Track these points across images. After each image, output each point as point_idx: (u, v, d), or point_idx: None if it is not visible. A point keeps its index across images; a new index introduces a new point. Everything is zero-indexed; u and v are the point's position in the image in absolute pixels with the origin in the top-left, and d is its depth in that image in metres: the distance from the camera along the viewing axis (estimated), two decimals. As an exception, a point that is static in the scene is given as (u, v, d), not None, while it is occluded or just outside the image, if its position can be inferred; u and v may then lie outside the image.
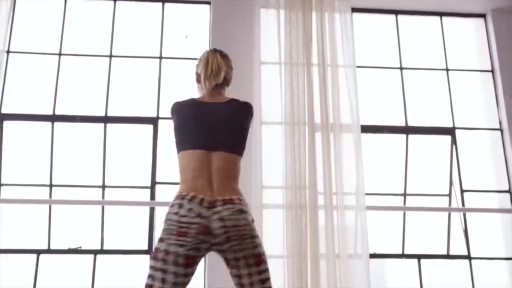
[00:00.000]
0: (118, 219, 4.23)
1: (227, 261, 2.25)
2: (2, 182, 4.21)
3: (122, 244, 4.16)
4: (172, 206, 2.25)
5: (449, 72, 4.80)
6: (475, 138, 4.67)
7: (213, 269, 3.91)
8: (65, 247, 4.12)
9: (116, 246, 4.15)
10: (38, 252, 4.05)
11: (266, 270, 2.23)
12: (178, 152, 2.40)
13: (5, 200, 4.13)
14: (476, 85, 4.83)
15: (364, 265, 3.98)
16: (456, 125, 4.64)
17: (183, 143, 2.38)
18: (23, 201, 4.16)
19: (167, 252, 2.14)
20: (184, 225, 2.15)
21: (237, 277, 2.22)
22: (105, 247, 4.14)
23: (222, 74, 2.55)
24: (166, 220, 2.23)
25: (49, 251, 4.09)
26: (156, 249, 2.19)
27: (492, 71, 4.79)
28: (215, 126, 2.39)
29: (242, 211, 2.22)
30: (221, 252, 2.23)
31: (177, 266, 2.13)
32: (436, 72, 4.81)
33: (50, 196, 4.22)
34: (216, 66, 2.53)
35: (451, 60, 4.83)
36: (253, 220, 2.30)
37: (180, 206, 2.19)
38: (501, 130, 4.63)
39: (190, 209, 2.17)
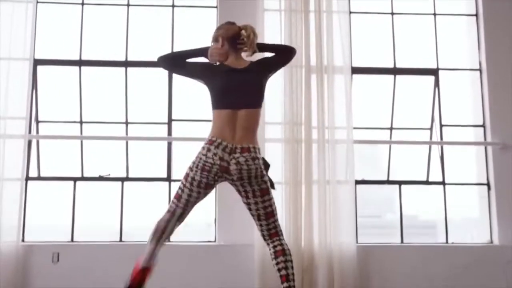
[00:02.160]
0: (140, 151, 4.92)
1: (239, 192, 2.95)
2: (40, 119, 4.88)
3: (145, 173, 4.86)
4: (203, 148, 2.88)
5: (437, 16, 5.22)
6: (456, 78, 5.17)
7: (223, 221, 4.63)
8: (97, 175, 4.85)
9: (139, 175, 4.86)
10: (75, 179, 4.79)
11: (270, 199, 2.94)
12: (212, 109, 2.99)
13: (44, 136, 4.84)
14: (461, 29, 5.25)
15: (350, 190, 4.65)
16: (439, 66, 5.13)
17: (215, 104, 2.98)
18: (59, 137, 4.86)
19: (193, 179, 2.87)
20: (208, 164, 2.83)
21: (246, 204, 2.96)
22: (130, 175, 4.85)
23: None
24: (197, 157, 2.88)
25: (83, 178, 4.82)
26: (187, 174, 2.90)
27: (477, 15, 5.19)
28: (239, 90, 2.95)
29: (255, 158, 2.87)
30: (233, 184, 2.93)
31: (199, 188, 2.88)
32: (425, 16, 5.23)
33: (81, 131, 4.89)
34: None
35: (439, 4, 5.23)
36: (263, 162, 2.94)
37: (208, 150, 2.85)
38: (480, 70, 5.11)
39: (215, 154, 2.83)
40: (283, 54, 3.16)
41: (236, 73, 3.00)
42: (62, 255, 4.42)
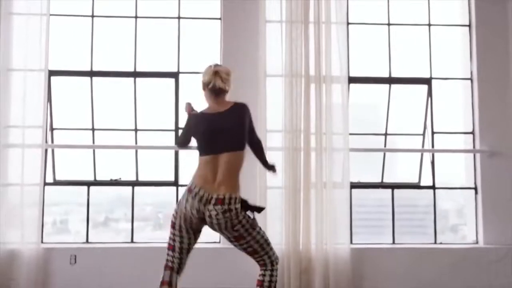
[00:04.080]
0: (149, 157, 5.24)
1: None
2: (54, 127, 5.19)
3: (154, 177, 5.18)
4: (183, 196, 3.10)
5: (431, 27, 5.44)
6: (448, 87, 5.42)
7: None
8: (108, 179, 5.18)
9: (149, 179, 5.19)
10: (88, 184, 5.12)
11: (247, 242, 3.11)
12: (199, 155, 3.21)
13: (60, 146, 5.14)
14: (455, 39, 5.47)
15: (346, 194, 4.96)
16: (433, 76, 5.38)
17: (200, 150, 3.21)
18: (74, 146, 5.18)
19: (180, 226, 3.12)
20: (188, 215, 3.08)
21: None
22: (140, 179, 5.18)
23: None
24: (180, 204, 3.11)
25: (95, 183, 5.15)
26: (173, 222, 3.15)
27: (470, 25, 5.41)
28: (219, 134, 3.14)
29: (225, 211, 3.02)
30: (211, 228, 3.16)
31: (188, 233, 3.13)
32: (420, 27, 5.45)
33: (93, 138, 5.20)
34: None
35: (434, 15, 5.44)
36: (238, 210, 3.04)
37: (187, 200, 3.06)
38: (471, 80, 5.37)
39: (192, 205, 3.04)
40: (257, 153, 3.46)
41: (216, 117, 3.15)
42: (79, 257, 4.78)
